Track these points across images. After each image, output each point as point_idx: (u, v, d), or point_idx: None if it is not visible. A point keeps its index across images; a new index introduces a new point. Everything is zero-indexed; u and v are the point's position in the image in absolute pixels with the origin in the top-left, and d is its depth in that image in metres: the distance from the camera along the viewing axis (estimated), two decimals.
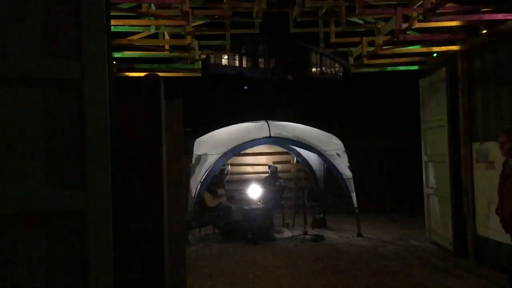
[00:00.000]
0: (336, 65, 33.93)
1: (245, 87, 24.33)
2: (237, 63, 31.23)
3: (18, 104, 1.86)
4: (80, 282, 1.92)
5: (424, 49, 6.86)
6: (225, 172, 10.12)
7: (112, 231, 1.98)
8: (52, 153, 1.91)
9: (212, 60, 27.69)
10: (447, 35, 6.46)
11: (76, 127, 1.95)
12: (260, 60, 32.26)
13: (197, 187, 8.44)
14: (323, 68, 34.11)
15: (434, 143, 7.42)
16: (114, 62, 6.13)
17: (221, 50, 8.54)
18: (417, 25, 5.80)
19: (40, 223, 1.88)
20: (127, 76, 7.21)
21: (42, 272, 1.87)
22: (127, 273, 2.20)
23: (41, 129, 1.89)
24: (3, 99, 1.83)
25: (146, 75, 2.38)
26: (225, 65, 29.62)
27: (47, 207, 1.89)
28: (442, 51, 6.81)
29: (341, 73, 33.14)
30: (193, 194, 8.35)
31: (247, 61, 31.85)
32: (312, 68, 33.53)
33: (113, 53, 3.12)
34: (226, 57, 29.23)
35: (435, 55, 7.22)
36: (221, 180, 9.78)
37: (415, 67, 7.81)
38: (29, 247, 1.85)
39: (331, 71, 34.42)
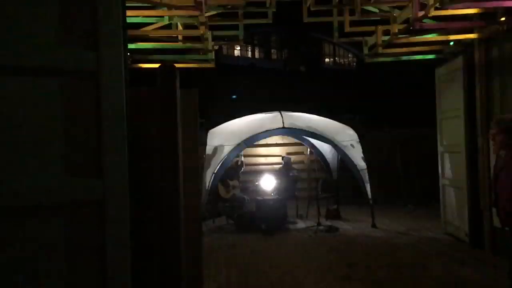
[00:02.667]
0: (349, 55, 33.61)
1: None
2: (249, 54, 31.12)
3: (35, 94, 1.87)
4: (99, 271, 1.94)
5: (441, 38, 6.73)
6: (239, 163, 10.13)
7: (129, 220, 1.99)
8: (70, 143, 1.92)
9: (224, 52, 27.65)
10: (465, 23, 6.34)
11: (93, 116, 1.96)
12: (272, 51, 32.09)
13: (211, 178, 8.47)
14: (336, 58, 33.81)
15: (450, 133, 7.32)
16: (128, 54, 6.14)
17: (234, 41, 8.50)
18: (434, 13, 5.68)
19: (58, 213, 1.89)
20: (141, 68, 7.23)
21: (61, 261, 1.89)
22: (144, 262, 2.22)
23: (58, 119, 1.90)
24: (21, 89, 1.84)
25: (161, 64, 2.37)
26: (238, 56, 29.54)
27: (65, 196, 1.90)
28: (459, 40, 6.68)
29: (354, 64, 32.85)
30: (207, 185, 8.38)
31: (259, 52, 31.72)
32: (325, 58, 33.27)
33: (127, 44, 3.12)
34: (238, 48, 29.14)
35: (451, 43, 7.08)
36: (236, 171, 9.80)
37: (431, 56, 7.68)
38: (47, 236, 1.87)
39: (344, 62, 34.12)
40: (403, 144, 11.59)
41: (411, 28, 5.92)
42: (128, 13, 5.60)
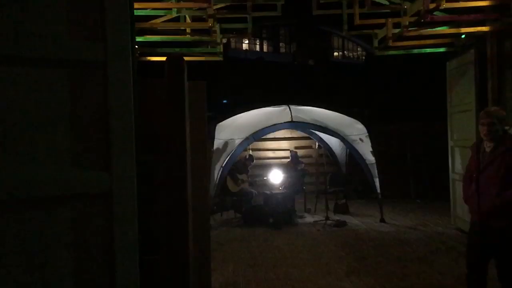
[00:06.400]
0: (358, 49, 33.38)
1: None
2: (258, 47, 31.02)
3: (42, 85, 1.86)
4: (106, 264, 1.93)
5: (452, 30, 6.64)
6: (247, 157, 10.11)
7: (137, 213, 1.98)
8: (76, 134, 1.91)
9: (232, 45, 27.60)
10: (477, 15, 6.23)
11: (100, 108, 1.94)
12: (281, 44, 31.96)
13: (219, 172, 8.46)
14: (345, 52, 33.61)
15: (461, 128, 7.24)
16: (136, 46, 6.14)
17: (242, 34, 8.45)
18: (445, 5, 5.60)
19: (65, 205, 1.88)
20: (149, 60, 7.22)
21: (67, 254, 1.88)
22: (152, 255, 2.21)
23: (66, 111, 1.89)
24: (28, 80, 1.83)
25: (170, 55, 2.35)
26: (246, 49, 29.46)
27: (72, 189, 1.89)
28: (471, 32, 6.58)
29: (363, 57, 32.64)
30: (215, 179, 8.38)
31: (268, 46, 31.60)
32: (334, 52, 33.08)
33: (135, 36, 3.10)
34: (246, 41, 29.08)
35: (463, 36, 6.99)
36: (246, 166, 9.79)
37: (442, 49, 7.58)
38: (54, 229, 1.86)
39: (353, 55, 33.90)
40: (412, 138, 11.51)
41: (422, 20, 5.84)
42: (136, 5, 5.58)
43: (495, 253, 3.58)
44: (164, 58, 2.63)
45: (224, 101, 22.06)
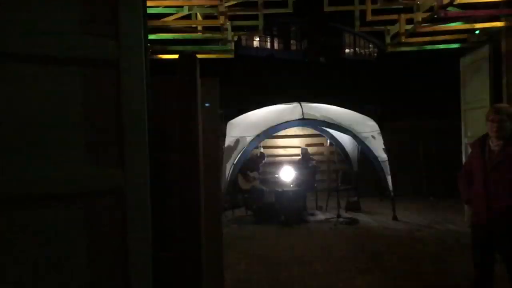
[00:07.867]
0: (370, 46, 33.11)
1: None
2: (268, 45, 30.93)
3: (56, 83, 1.87)
4: (119, 259, 1.94)
5: (466, 26, 6.53)
6: (258, 154, 10.11)
7: (150, 209, 1.99)
8: (90, 132, 1.92)
9: (243, 43, 27.56)
10: (491, 10, 6.13)
11: (113, 106, 1.95)
12: (292, 41, 31.82)
13: (230, 169, 8.48)
14: (356, 49, 33.36)
15: (475, 125, 7.13)
16: (149, 44, 6.15)
17: (253, 31, 8.43)
18: (459, 0, 5.52)
19: (79, 202, 1.89)
20: (161, 58, 7.24)
21: (82, 250, 1.89)
22: (165, 250, 2.21)
23: (79, 108, 1.90)
24: (42, 78, 1.84)
25: (182, 53, 2.35)
26: (257, 47, 29.40)
27: (86, 186, 1.90)
28: (485, 28, 6.47)
29: (375, 54, 32.37)
30: (226, 176, 8.39)
31: (278, 43, 31.48)
32: (345, 49, 32.85)
33: (148, 34, 3.11)
34: (257, 39, 29.00)
35: (477, 32, 6.88)
36: (257, 163, 9.79)
37: (456, 45, 7.46)
38: (68, 225, 1.88)
39: (365, 52, 33.63)
40: (425, 136, 11.41)
41: (435, 16, 5.76)
42: (148, 3, 5.59)
43: (503, 252, 3.51)
44: (176, 56, 2.63)
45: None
